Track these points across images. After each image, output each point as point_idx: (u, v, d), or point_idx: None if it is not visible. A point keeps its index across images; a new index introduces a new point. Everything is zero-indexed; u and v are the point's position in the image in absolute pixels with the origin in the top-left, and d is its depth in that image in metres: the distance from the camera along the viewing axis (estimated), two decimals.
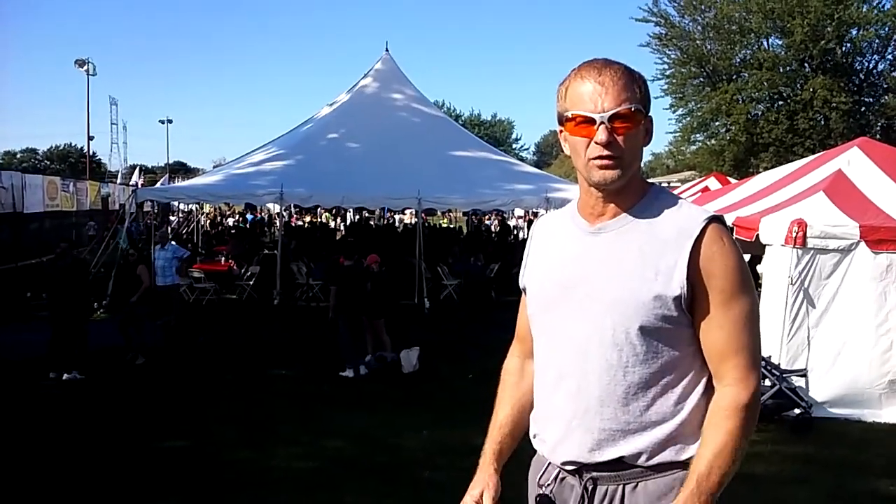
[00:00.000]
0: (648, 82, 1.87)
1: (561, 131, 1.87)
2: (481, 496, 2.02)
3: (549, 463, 1.98)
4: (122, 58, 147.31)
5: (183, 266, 12.75)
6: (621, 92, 1.75)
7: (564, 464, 1.91)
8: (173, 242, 13.19)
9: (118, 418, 7.78)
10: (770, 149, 28.22)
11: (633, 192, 1.86)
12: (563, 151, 1.95)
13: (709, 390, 1.83)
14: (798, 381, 7.60)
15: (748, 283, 1.80)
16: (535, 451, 2.08)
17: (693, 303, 1.78)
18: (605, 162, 1.76)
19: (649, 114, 1.83)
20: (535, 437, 2.04)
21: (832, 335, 7.73)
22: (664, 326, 1.78)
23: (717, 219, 1.81)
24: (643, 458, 1.81)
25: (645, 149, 1.88)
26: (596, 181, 1.80)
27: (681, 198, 1.91)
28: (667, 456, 1.81)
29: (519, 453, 2.19)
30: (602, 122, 1.74)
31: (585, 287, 1.85)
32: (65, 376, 9.22)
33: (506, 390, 2.22)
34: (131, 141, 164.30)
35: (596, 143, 1.75)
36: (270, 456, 6.54)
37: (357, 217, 32.74)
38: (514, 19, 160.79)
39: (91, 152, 55.63)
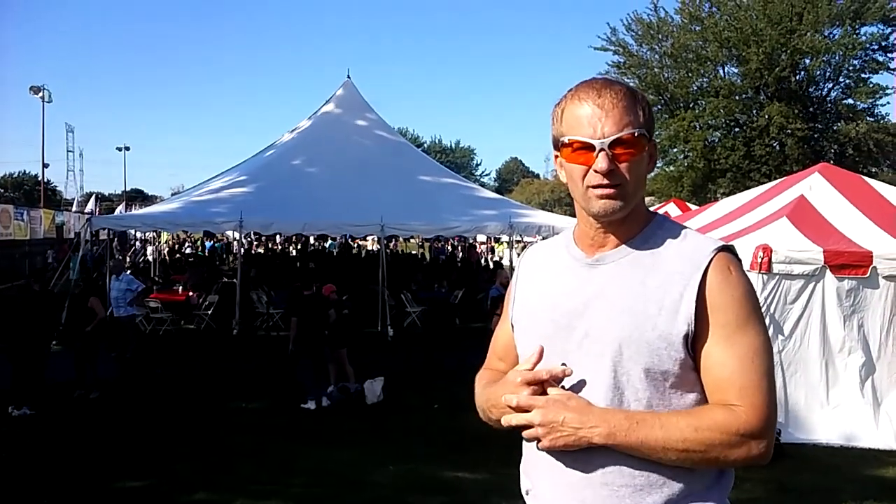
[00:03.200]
0: None
1: (556, 157, 1.70)
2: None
3: None
4: (78, 84, 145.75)
5: (137, 297, 12.47)
6: (623, 115, 1.60)
7: None
8: (128, 273, 12.88)
9: (71, 456, 7.46)
10: (727, 174, 28.67)
11: (636, 222, 1.70)
12: (558, 177, 1.77)
13: None
14: None
15: (757, 316, 1.62)
16: None
17: (696, 341, 1.60)
18: (605, 191, 1.60)
19: (653, 138, 1.68)
20: (527, 493, 1.80)
21: (799, 359, 7.75)
22: (670, 369, 1.60)
23: (727, 248, 1.66)
24: None
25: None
26: (595, 212, 1.64)
27: (686, 227, 1.75)
28: None
29: None
30: (602, 149, 1.58)
31: (583, 324, 1.67)
32: (14, 412, 8.87)
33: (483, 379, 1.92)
34: (88, 168, 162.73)
35: (595, 171, 1.59)
36: (230, 497, 6.27)
37: (317, 244, 32.50)
38: (474, 49, 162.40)
39: (46, 180, 54.71)
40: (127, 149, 59.70)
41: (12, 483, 6.64)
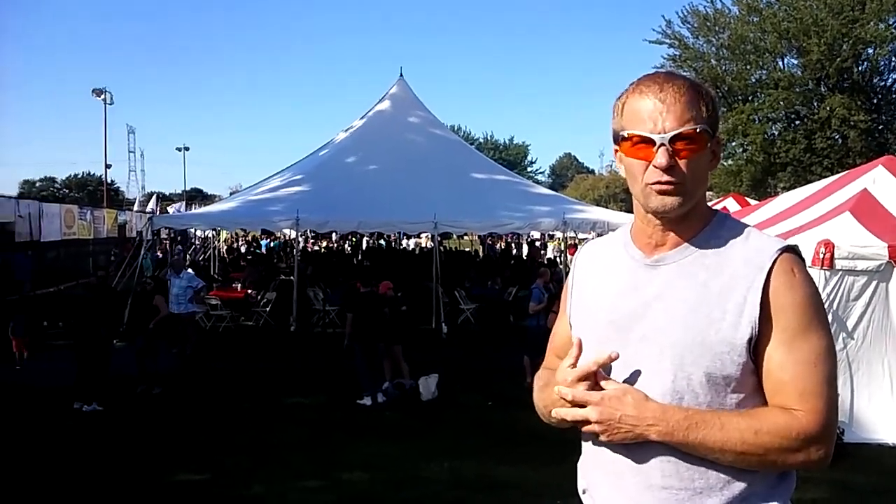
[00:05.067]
0: None
1: (616, 151, 1.67)
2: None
3: None
4: (139, 86, 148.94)
5: (198, 294, 12.73)
6: (685, 110, 1.55)
7: None
8: (189, 270, 13.16)
9: (134, 451, 7.67)
10: (788, 168, 28.07)
11: (697, 220, 1.66)
12: (618, 172, 1.73)
13: None
14: None
15: (820, 320, 1.57)
16: None
17: (758, 345, 1.56)
18: (664, 187, 1.56)
19: (717, 134, 1.63)
20: (584, 492, 1.79)
21: (862, 358, 7.55)
22: (732, 374, 1.56)
23: (790, 248, 1.61)
24: None
25: None
26: (654, 208, 1.60)
27: (749, 226, 1.70)
28: None
29: None
30: (662, 144, 1.54)
31: (642, 327, 1.63)
32: (85, 408, 9.15)
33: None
34: (148, 168, 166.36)
35: (655, 166, 1.55)
36: (285, 490, 6.39)
37: (372, 242, 32.74)
38: (527, 43, 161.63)
39: (109, 180, 56.05)
40: (186, 149, 61.04)
41: (82, 475, 6.86)
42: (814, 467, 1.55)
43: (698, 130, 1.56)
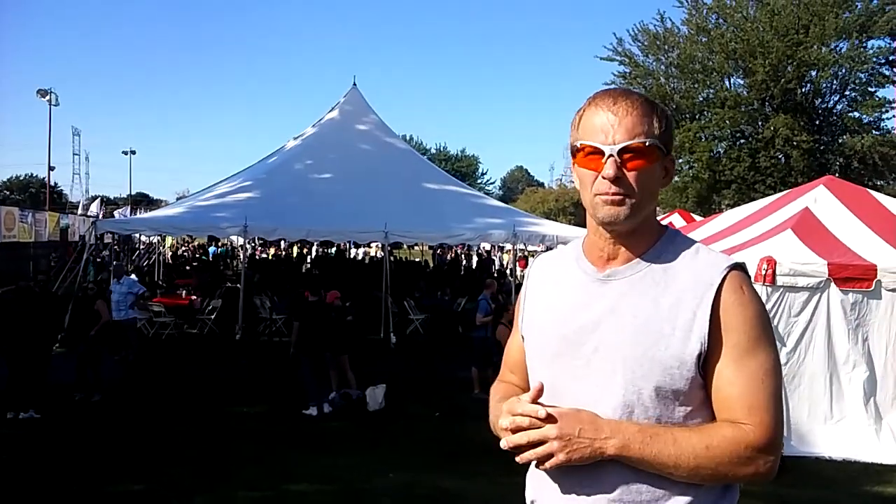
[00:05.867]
0: None
1: (574, 163, 1.70)
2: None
3: None
4: (85, 88, 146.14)
5: (138, 301, 12.51)
6: (636, 124, 1.59)
7: None
8: (132, 276, 12.91)
9: (73, 459, 7.46)
10: (732, 186, 28.62)
11: (647, 236, 1.68)
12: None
13: None
14: None
15: (767, 336, 1.61)
16: None
17: (707, 361, 1.59)
18: (612, 198, 1.59)
19: (670, 153, 1.66)
20: (532, 503, 1.80)
21: (803, 372, 7.73)
22: (681, 388, 1.59)
23: (738, 266, 1.64)
24: None
25: None
26: (601, 218, 1.62)
27: (698, 242, 1.73)
28: None
29: None
30: (611, 155, 1.58)
31: (594, 341, 1.65)
32: (21, 415, 8.87)
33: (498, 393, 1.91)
34: (93, 171, 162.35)
35: (603, 177, 1.59)
36: (228, 502, 6.25)
37: (321, 250, 32.49)
38: (480, 57, 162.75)
39: (52, 183, 54.77)
40: (133, 153, 60.04)
41: (14, 485, 6.64)
42: (762, 479, 1.58)
43: (647, 144, 1.59)
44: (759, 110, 28.69)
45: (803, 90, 28.03)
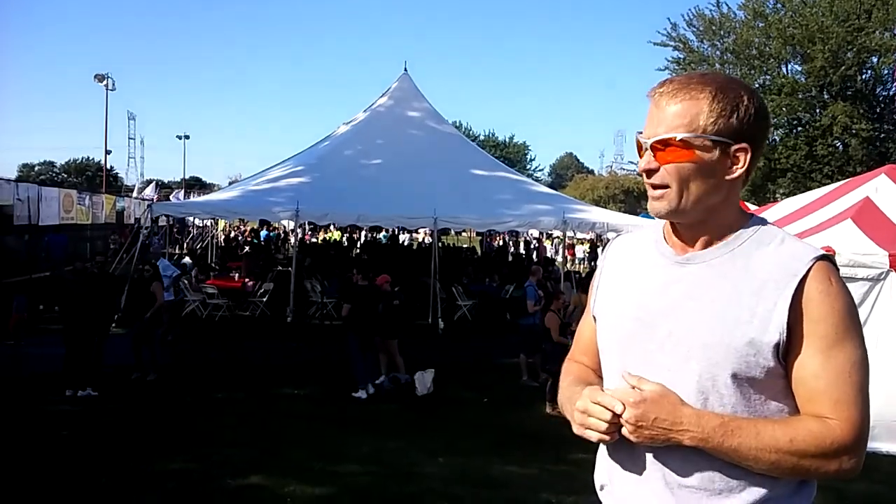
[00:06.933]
0: None
1: None
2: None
3: None
4: (141, 73, 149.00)
5: (175, 283, 12.77)
6: (674, 117, 1.55)
7: None
8: (164, 259, 13.18)
9: (128, 437, 7.64)
10: (788, 174, 28.04)
11: (725, 223, 1.64)
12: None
13: None
14: None
15: (856, 329, 1.55)
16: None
17: (789, 351, 1.54)
18: (651, 192, 1.60)
19: (743, 141, 1.58)
20: (601, 488, 1.78)
21: None
22: (757, 376, 1.54)
23: (826, 257, 1.57)
24: None
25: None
26: (649, 210, 1.63)
27: (785, 232, 1.67)
28: None
29: None
30: (645, 149, 1.58)
31: (669, 324, 1.61)
32: (79, 393, 9.11)
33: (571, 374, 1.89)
34: (148, 155, 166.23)
35: (639, 169, 1.60)
36: (280, 482, 6.33)
37: (370, 236, 32.68)
38: (533, 42, 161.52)
39: (108, 166, 55.85)
40: (186, 137, 61.04)
41: (72, 460, 6.83)
42: (845, 477, 1.54)
43: (678, 139, 1.55)
44: (816, 97, 28.00)
45: (863, 77, 27.29)
